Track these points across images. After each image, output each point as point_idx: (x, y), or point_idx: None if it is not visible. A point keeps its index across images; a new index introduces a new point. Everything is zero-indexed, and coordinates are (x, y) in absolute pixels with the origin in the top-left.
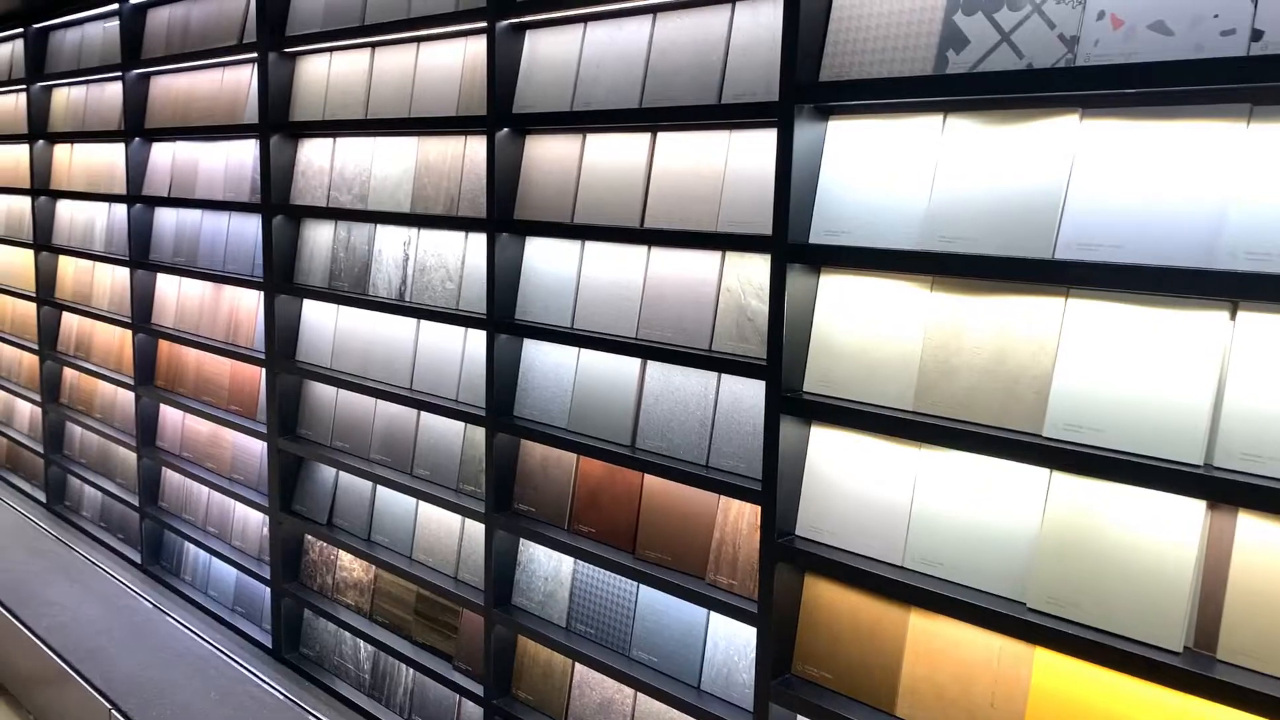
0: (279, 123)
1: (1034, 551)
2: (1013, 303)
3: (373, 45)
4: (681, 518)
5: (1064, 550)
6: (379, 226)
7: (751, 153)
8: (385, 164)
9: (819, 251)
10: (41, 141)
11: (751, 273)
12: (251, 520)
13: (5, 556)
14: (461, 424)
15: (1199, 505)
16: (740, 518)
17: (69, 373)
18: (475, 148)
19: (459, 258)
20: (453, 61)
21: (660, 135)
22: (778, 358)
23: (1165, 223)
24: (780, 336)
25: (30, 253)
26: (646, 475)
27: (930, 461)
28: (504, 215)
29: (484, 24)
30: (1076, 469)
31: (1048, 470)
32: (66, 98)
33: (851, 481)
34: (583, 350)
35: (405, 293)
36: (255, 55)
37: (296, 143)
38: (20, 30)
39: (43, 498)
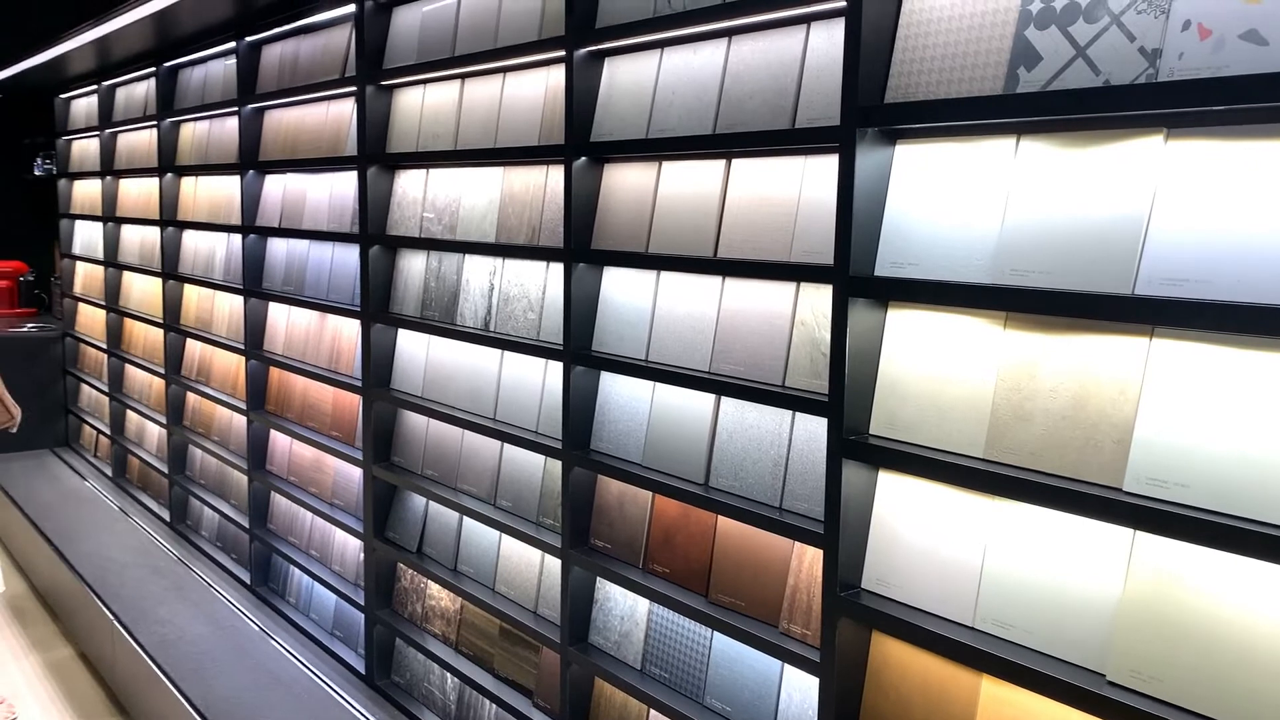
0: (376, 154)
1: (1115, 619)
2: (1091, 342)
3: (462, 77)
4: (755, 561)
5: (1148, 619)
6: (467, 256)
7: (826, 180)
8: (473, 194)
9: (884, 285)
10: (170, 174)
11: (826, 306)
12: (350, 545)
13: (128, 573)
14: (542, 456)
15: None
16: (815, 564)
17: (191, 396)
18: (556, 178)
19: (540, 288)
20: (535, 92)
21: (734, 162)
22: (839, 397)
23: (1261, 255)
24: (842, 374)
25: (159, 281)
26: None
27: (1003, 514)
28: (581, 245)
29: (563, 52)
30: (1160, 529)
31: (1130, 529)
32: (192, 132)
33: (920, 533)
34: (656, 384)
35: (490, 322)
36: (355, 89)
37: (393, 174)
38: (153, 69)
39: (167, 516)
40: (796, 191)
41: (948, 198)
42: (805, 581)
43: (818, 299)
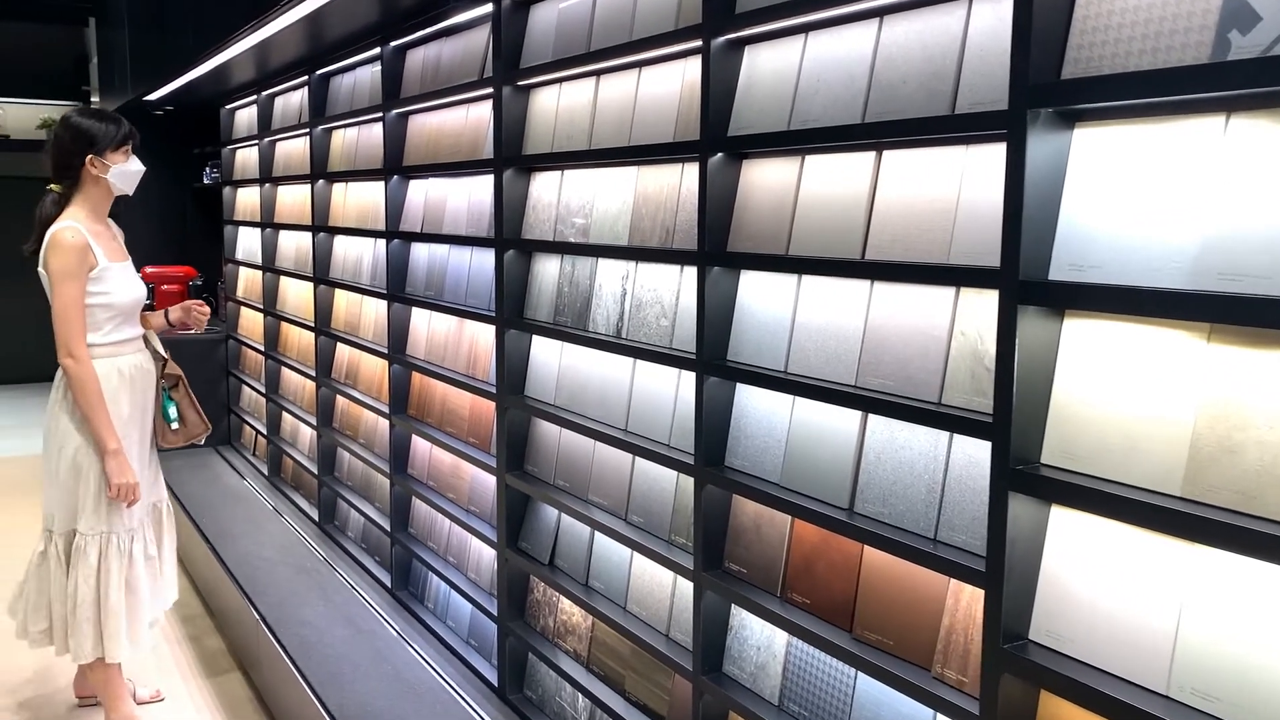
0: (512, 157)
1: None
2: None
3: (597, 74)
4: (906, 596)
5: None
6: (599, 260)
7: (989, 172)
8: (606, 196)
9: (1061, 291)
10: (321, 181)
11: (990, 314)
12: (486, 554)
13: (275, 573)
14: (674, 471)
15: None
16: (974, 604)
17: (340, 399)
18: (691, 176)
19: (674, 293)
20: (671, 88)
21: (885, 154)
22: (1006, 420)
23: None
24: (1010, 393)
25: (311, 285)
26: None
27: (1204, 564)
28: (716, 247)
29: (699, 41)
30: None
31: None
32: (342, 139)
33: (1100, 580)
34: (796, 398)
35: (622, 329)
36: (491, 90)
37: (529, 177)
38: (306, 77)
39: (316, 516)
40: (956, 185)
41: (1138, 189)
42: (962, 622)
43: (980, 306)
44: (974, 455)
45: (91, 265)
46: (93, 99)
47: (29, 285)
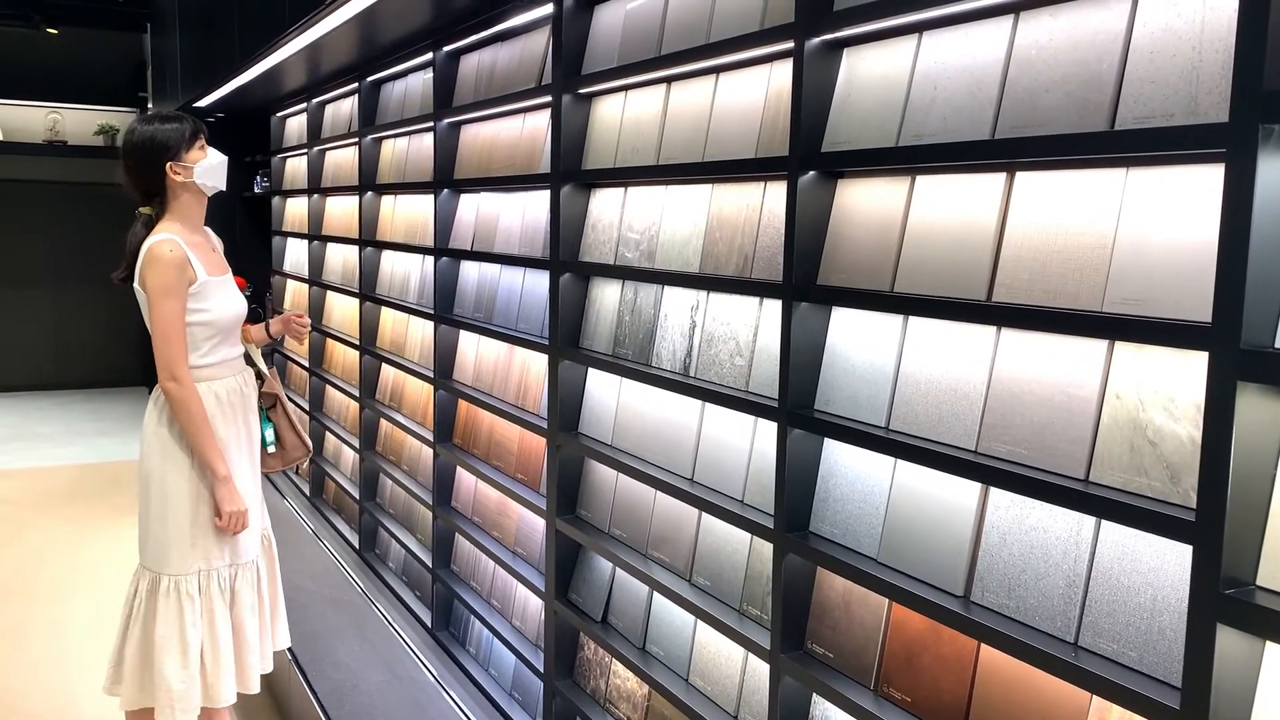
0: (571, 171)
1: None
2: None
3: (668, 80)
4: (1034, 706)
5: None
6: (665, 288)
7: (1158, 200)
8: (675, 216)
9: None
10: (370, 193)
11: (1157, 375)
12: (533, 601)
13: (311, 605)
14: (748, 533)
15: None
16: None
17: (384, 422)
18: (776, 197)
19: (751, 329)
20: (754, 96)
21: (1018, 176)
22: (1217, 528)
23: None
24: (1223, 492)
25: (357, 301)
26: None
27: None
28: (805, 280)
29: (791, 43)
30: None
31: None
32: (392, 149)
33: None
34: (900, 460)
35: (690, 367)
36: (550, 99)
37: (589, 193)
38: (356, 85)
39: (356, 543)
40: (1113, 217)
41: None
42: None
43: (1144, 365)
44: (1128, 546)
45: (191, 280)
46: (148, 106)
47: (110, 291)
